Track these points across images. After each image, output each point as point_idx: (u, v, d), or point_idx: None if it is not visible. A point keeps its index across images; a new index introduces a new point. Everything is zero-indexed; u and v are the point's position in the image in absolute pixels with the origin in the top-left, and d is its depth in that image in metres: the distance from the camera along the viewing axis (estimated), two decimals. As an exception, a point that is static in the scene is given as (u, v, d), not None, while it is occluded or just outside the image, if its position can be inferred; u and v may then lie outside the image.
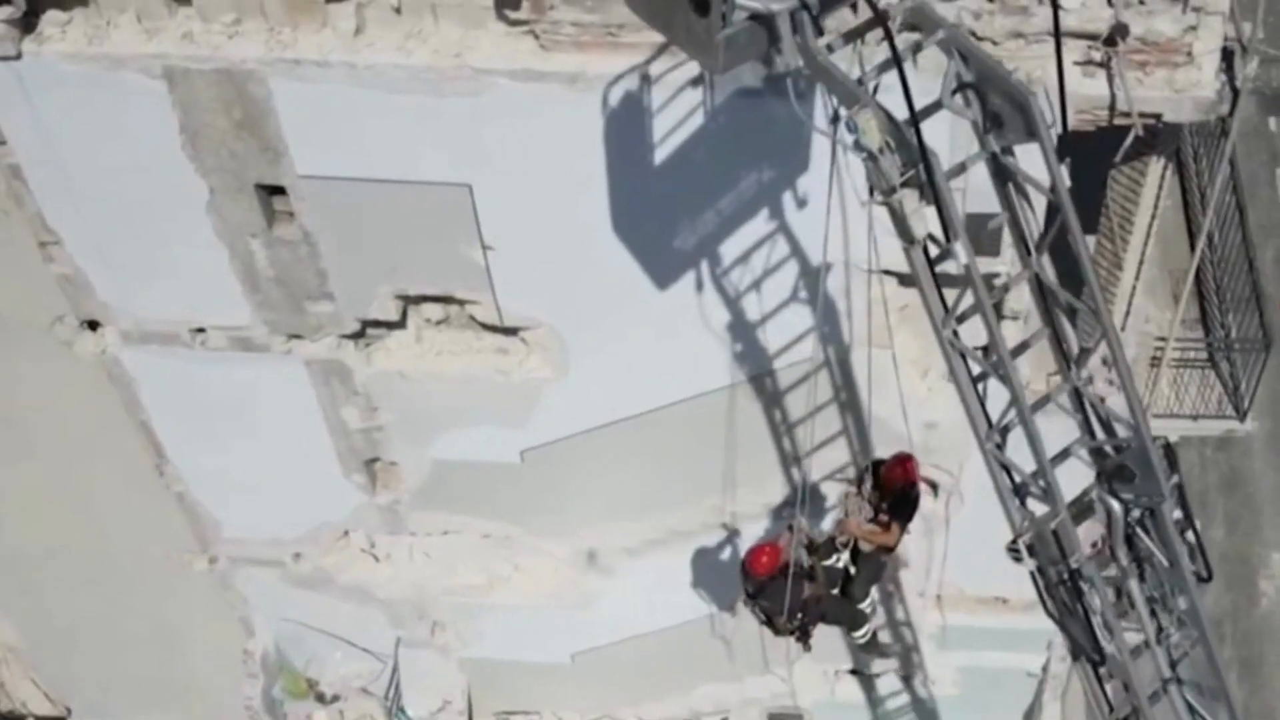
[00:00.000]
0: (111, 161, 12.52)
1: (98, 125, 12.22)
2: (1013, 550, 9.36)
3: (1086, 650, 9.82)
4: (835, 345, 13.24)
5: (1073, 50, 9.64)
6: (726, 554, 15.84)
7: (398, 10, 11.38)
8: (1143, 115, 9.69)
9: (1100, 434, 8.90)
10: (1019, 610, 15.49)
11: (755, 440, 14.36)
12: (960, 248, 7.85)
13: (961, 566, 15.47)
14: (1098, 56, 9.71)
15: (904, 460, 12.48)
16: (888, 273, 11.92)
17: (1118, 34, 9.57)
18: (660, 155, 11.65)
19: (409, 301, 13.63)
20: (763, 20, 7.36)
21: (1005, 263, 11.17)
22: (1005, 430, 8.84)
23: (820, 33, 7.58)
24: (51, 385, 15.18)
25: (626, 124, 11.31)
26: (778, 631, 13.58)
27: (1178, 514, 9.04)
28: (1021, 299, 11.30)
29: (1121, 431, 8.69)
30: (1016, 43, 9.78)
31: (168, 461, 15.84)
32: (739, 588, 13.76)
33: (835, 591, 13.56)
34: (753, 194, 11.87)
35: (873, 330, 12.10)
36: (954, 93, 7.72)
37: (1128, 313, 11.93)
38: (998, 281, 10.19)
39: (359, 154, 12.07)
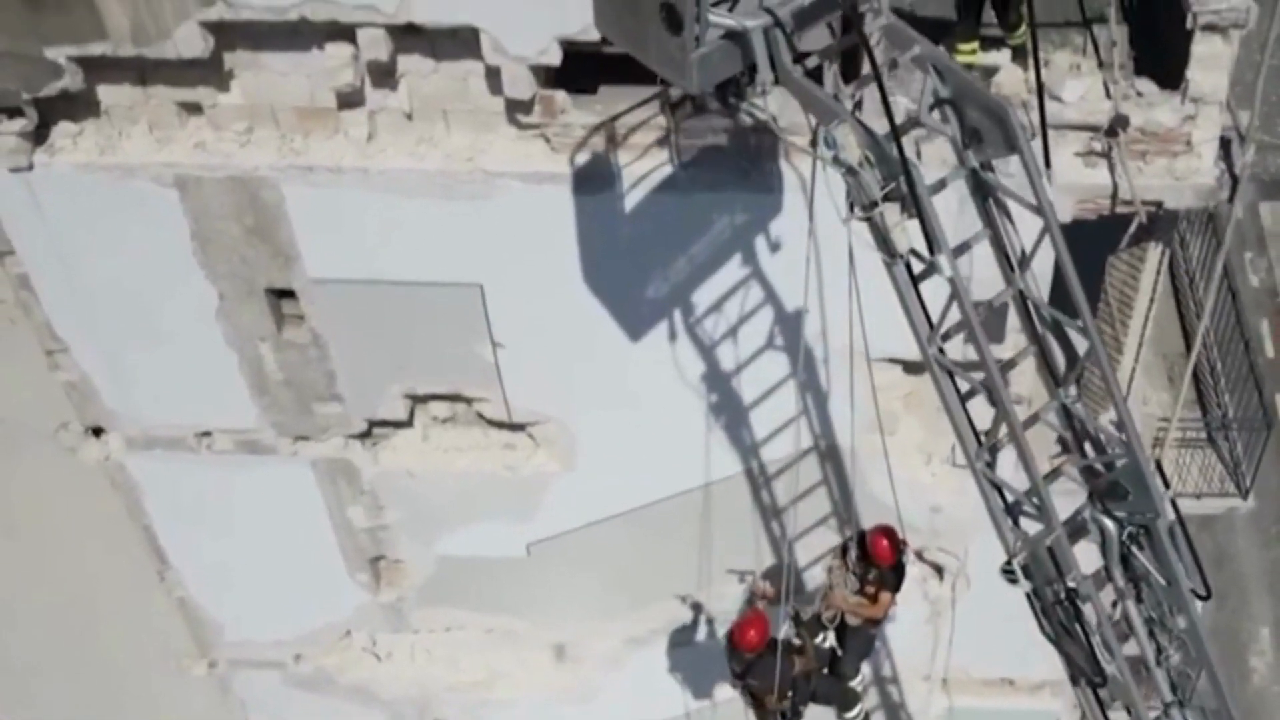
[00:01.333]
0: (121, 269, 12.66)
1: (108, 234, 12.37)
2: (1007, 572, 9.15)
3: (1086, 673, 9.52)
4: (836, 433, 13.41)
5: (1074, 142, 9.96)
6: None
7: (409, 116, 11.64)
8: (1144, 203, 10.00)
9: (1091, 452, 8.77)
10: (1025, 692, 15.60)
11: (758, 528, 14.49)
12: (944, 260, 7.73)
13: (967, 649, 15.53)
14: (1099, 147, 10.03)
15: (888, 532, 12.23)
16: (889, 360, 12.17)
17: (1118, 125, 9.89)
18: (665, 253, 11.91)
19: (417, 400, 13.74)
20: (736, 38, 7.37)
21: (1010, 348, 11.43)
22: (995, 449, 8.72)
23: (794, 51, 7.57)
24: (53, 490, 15.15)
25: (630, 222, 11.54)
26: (767, 713, 13.14)
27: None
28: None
29: (1112, 448, 8.54)
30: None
31: (169, 566, 15.80)
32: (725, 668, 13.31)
33: (825, 670, 13.25)
34: (755, 287, 12.08)
35: (874, 416, 12.24)
36: (931, 109, 7.72)
37: (1127, 395, 12.16)
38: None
39: (370, 257, 12.26)
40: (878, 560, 12.21)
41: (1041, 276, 8.37)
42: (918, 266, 8.10)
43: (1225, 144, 10.23)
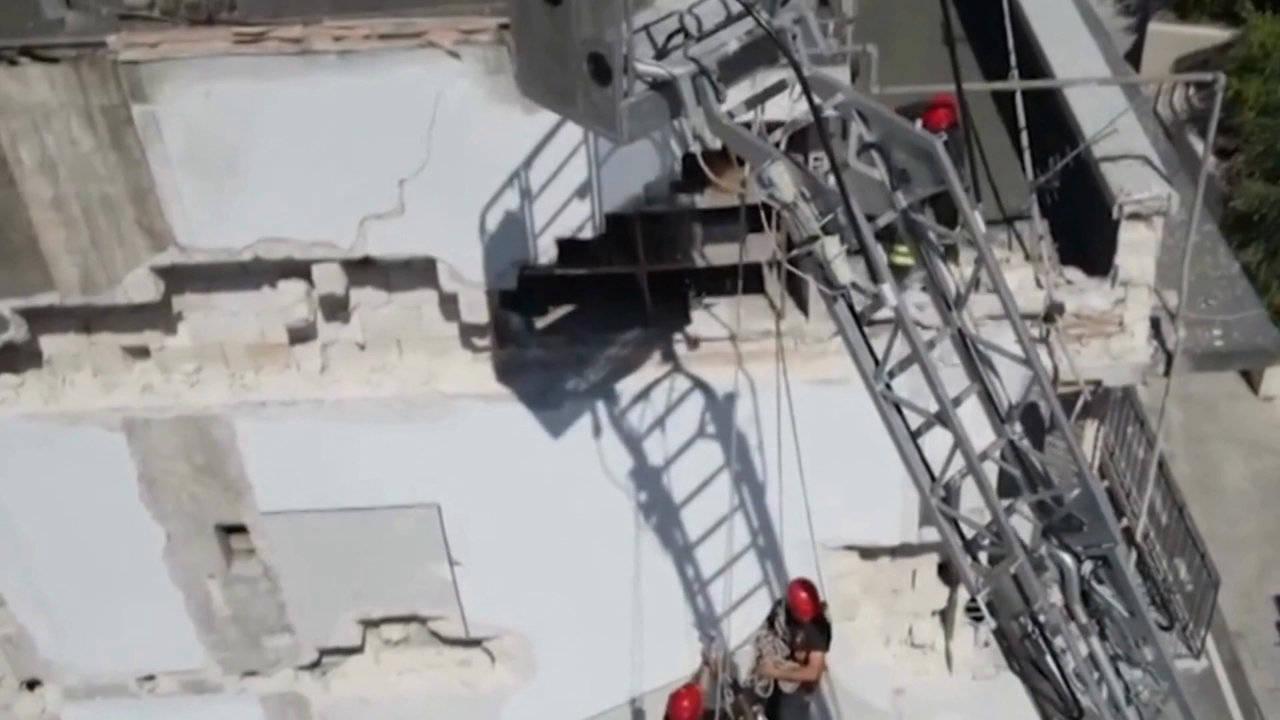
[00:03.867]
0: (64, 517, 12.50)
1: (51, 482, 12.23)
2: (973, 610, 9.02)
3: (1060, 709, 9.22)
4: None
5: (1011, 331, 10.49)
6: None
7: (362, 347, 11.82)
8: (1086, 382, 10.58)
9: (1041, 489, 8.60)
10: None
11: None
12: (887, 290, 7.66)
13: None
14: (1038, 333, 10.62)
15: (805, 585, 11.95)
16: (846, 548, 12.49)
17: (1054, 311, 10.49)
18: (623, 462, 12.17)
19: (369, 624, 13.62)
20: (664, 89, 7.52)
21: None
22: (950, 487, 8.53)
23: (721, 98, 7.64)
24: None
25: (593, 436, 11.80)
26: None
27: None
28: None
29: (1063, 481, 8.41)
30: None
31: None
32: None
33: None
34: (715, 482, 12.32)
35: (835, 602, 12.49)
36: (859, 153, 7.78)
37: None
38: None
39: (324, 485, 12.27)
40: (799, 614, 11.99)
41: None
42: (860, 302, 8.13)
43: (1155, 323, 10.94)
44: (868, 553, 12.63)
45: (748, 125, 8.16)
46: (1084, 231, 10.90)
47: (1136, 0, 27.12)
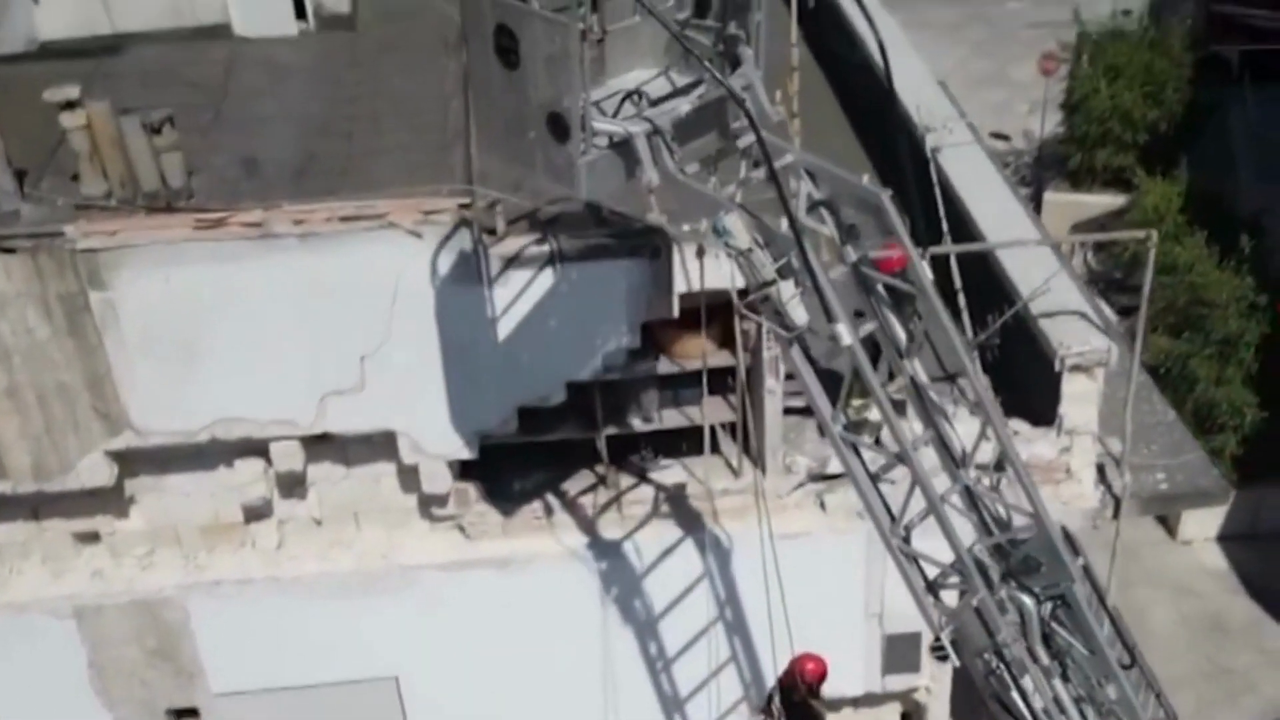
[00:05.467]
0: (9, 706, 12.17)
1: (-3, 672, 11.96)
2: (937, 649, 8.97)
3: None
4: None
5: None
6: None
7: (319, 522, 11.83)
8: (1036, 528, 10.91)
9: (996, 531, 8.64)
10: None
11: None
12: (842, 329, 7.76)
13: None
14: (988, 482, 10.95)
15: (805, 660, 11.62)
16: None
17: (1004, 460, 10.83)
18: (588, 624, 12.19)
19: (322, 802, 13.36)
20: (620, 147, 7.73)
21: (925, 678, 12.04)
22: (909, 527, 8.62)
23: (675, 156, 7.87)
24: None
25: (556, 601, 11.86)
26: None
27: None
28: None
29: (1020, 521, 8.50)
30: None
31: None
32: None
33: None
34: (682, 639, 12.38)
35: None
36: (808, 211, 8.04)
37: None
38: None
39: (279, 663, 12.15)
40: (807, 680, 11.58)
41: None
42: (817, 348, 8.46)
43: (1101, 469, 11.38)
44: (831, 705, 12.75)
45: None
46: (1026, 384, 11.35)
47: (1030, 171, 28.57)
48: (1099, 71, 27.93)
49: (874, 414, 10.00)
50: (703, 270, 10.33)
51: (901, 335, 8.21)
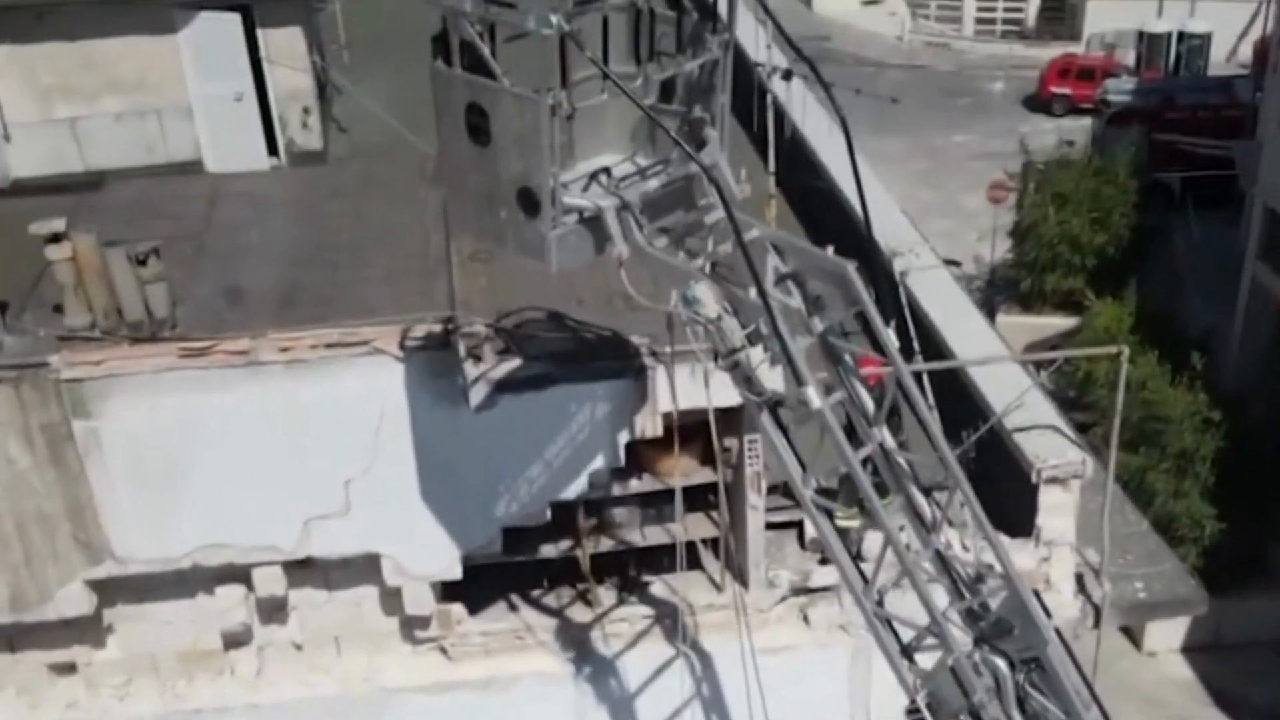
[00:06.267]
0: None
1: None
2: (913, 713, 8.85)
3: None
4: None
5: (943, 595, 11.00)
6: None
7: (299, 647, 11.77)
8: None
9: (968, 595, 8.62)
10: None
11: None
12: (810, 392, 7.80)
13: None
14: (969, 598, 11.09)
15: None
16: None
17: (984, 572, 10.98)
18: None
19: None
20: (590, 222, 7.90)
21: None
22: (881, 591, 8.59)
23: (643, 230, 8.07)
24: None
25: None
26: None
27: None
28: None
29: (991, 584, 8.45)
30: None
31: None
32: None
33: None
34: None
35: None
36: (776, 284, 8.16)
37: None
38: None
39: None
40: None
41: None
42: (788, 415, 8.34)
43: (1080, 579, 11.54)
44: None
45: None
46: (1002, 498, 11.54)
47: (982, 295, 29.28)
48: (1047, 199, 28.81)
49: (857, 523, 10.12)
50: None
51: (869, 403, 8.32)
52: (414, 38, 11.29)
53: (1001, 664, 8.52)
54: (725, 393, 10.50)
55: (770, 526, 11.32)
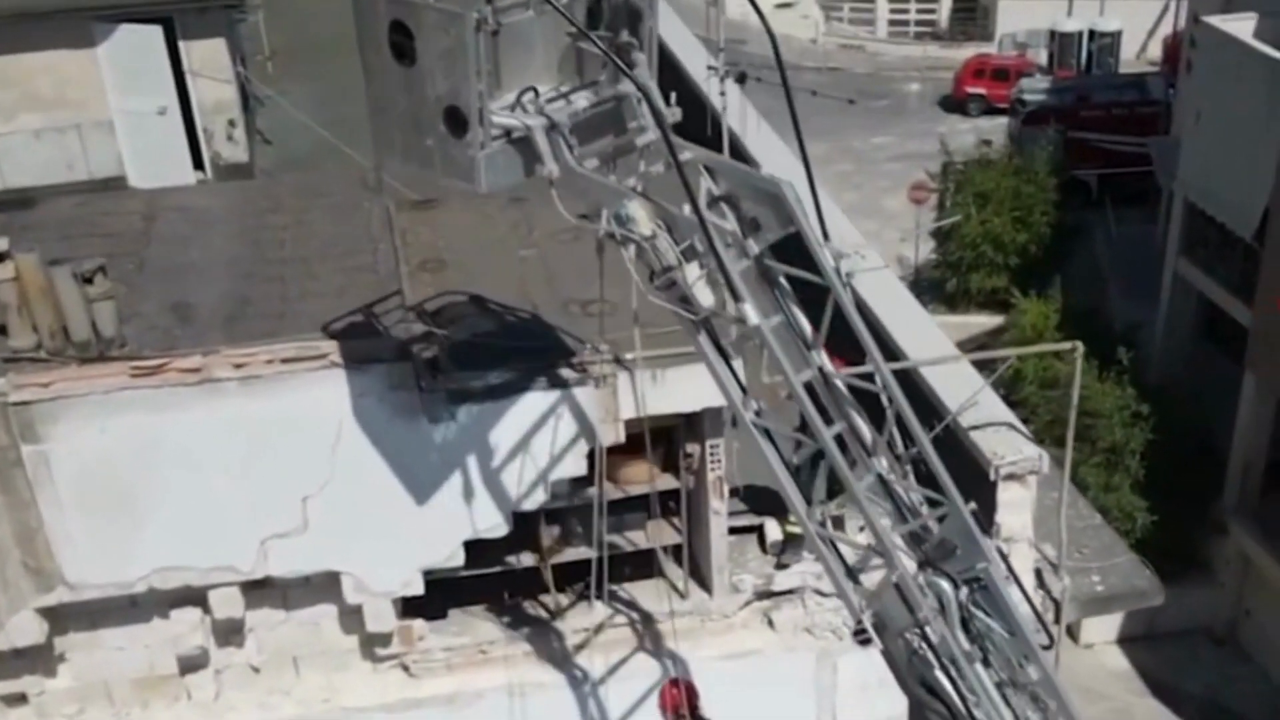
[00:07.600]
0: None
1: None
2: (860, 633, 8.90)
3: None
4: None
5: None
6: None
7: (257, 669, 11.60)
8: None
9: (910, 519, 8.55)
10: None
11: None
12: (748, 308, 7.77)
13: None
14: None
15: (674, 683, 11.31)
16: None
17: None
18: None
19: None
20: (519, 143, 7.82)
21: None
22: (825, 513, 8.44)
23: (573, 151, 7.98)
24: None
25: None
26: None
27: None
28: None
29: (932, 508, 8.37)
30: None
31: None
32: None
33: None
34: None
35: None
36: (709, 206, 8.02)
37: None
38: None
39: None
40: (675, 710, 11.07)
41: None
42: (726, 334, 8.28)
43: (1039, 574, 11.69)
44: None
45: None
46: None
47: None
48: (968, 198, 29.19)
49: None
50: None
51: (806, 327, 8.26)
52: (338, 46, 11.22)
53: (945, 585, 8.56)
54: (687, 398, 10.60)
55: (732, 531, 11.36)
